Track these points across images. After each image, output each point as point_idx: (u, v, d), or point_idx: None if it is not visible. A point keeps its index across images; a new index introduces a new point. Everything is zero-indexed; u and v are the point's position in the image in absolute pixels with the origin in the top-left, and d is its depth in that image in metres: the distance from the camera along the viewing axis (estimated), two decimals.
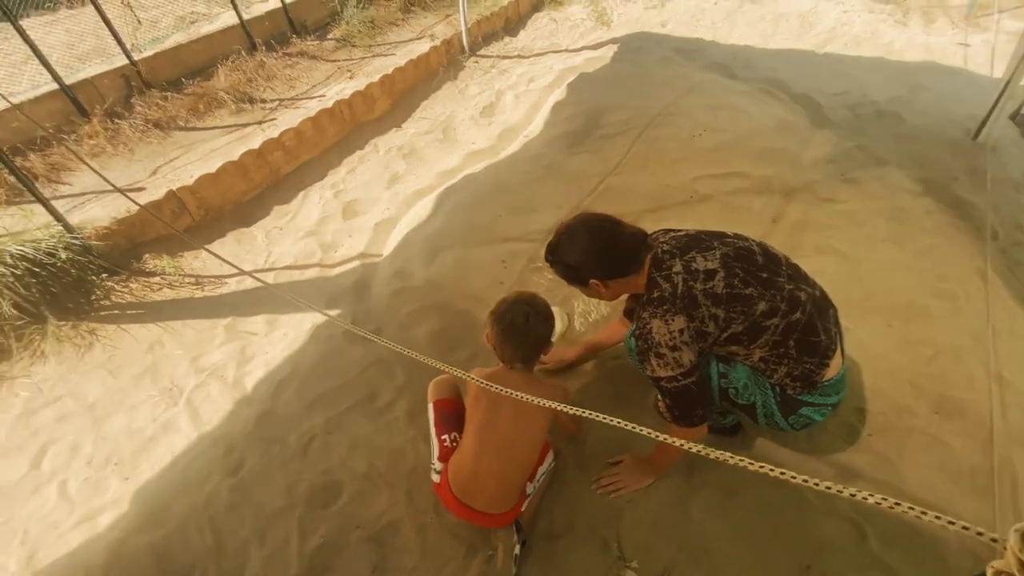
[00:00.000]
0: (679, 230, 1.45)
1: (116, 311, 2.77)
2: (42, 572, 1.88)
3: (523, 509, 1.55)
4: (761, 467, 0.65)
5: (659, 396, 1.44)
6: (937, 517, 0.53)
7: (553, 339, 1.84)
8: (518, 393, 1.07)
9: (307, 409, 2.11)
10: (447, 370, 1.20)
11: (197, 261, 3.08)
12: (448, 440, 1.59)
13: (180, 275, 2.91)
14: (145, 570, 1.75)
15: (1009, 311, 1.97)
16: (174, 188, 3.20)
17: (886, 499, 0.58)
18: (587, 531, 1.58)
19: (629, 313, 1.78)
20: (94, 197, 3.25)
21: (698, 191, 2.72)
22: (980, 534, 0.44)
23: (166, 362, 2.52)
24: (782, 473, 0.66)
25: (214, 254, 1.64)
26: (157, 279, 2.91)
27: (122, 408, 2.37)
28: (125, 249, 3.02)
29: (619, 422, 0.88)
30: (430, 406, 1.68)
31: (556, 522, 1.62)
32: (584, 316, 2.19)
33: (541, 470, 1.59)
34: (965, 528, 0.50)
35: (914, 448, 1.59)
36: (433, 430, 1.63)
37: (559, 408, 1.01)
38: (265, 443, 2.03)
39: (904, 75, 3.78)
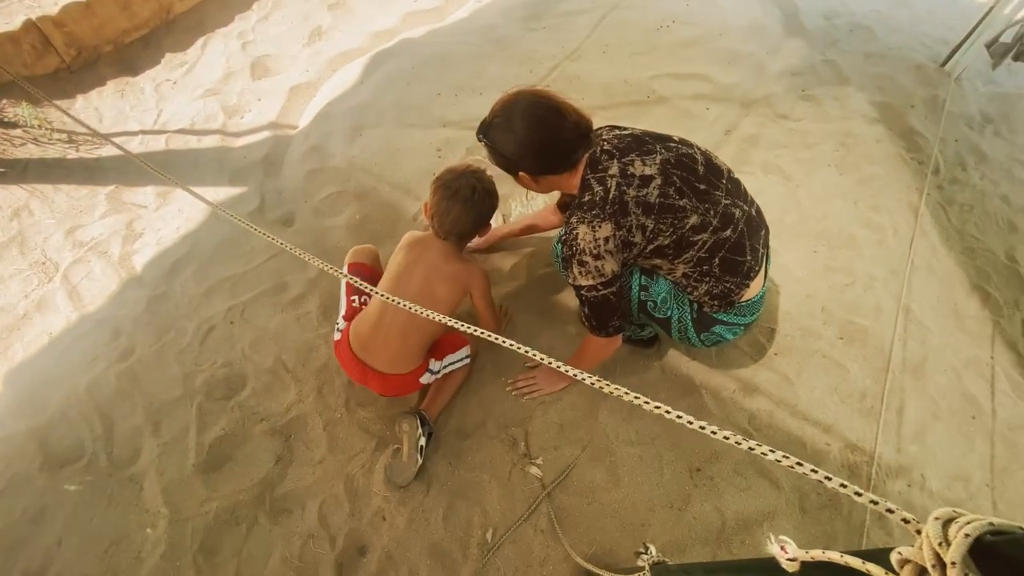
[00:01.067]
0: (624, 128, 1.32)
1: None
2: None
3: (422, 383, 1.55)
4: (655, 406, 0.59)
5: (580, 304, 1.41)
6: (828, 477, 0.47)
7: (492, 223, 1.74)
8: (412, 306, 0.99)
9: (206, 295, 1.91)
10: (361, 287, 1.07)
11: (71, 112, 2.57)
12: (357, 301, 1.61)
13: (47, 129, 2.42)
14: (25, 453, 1.62)
15: (931, 248, 2.04)
16: (34, 17, 2.55)
17: (779, 453, 0.53)
18: (497, 429, 1.60)
19: (563, 206, 1.68)
20: None
21: (655, 91, 2.50)
22: (890, 511, 0.38)
23: (36, 232, 2.18)
24: (667, 411, 0.60)
25: (63, 110, 1.30)
26: (19, 132, 2.41)
27: None
28: None
29: (517, 346, 0.79)
30: (345, 267, 1.67)
31: (468, 421, 1.63)
32: (522, 212, 2.05)
33: (451, 357, 1.58)
34: (874, 502, 0.45)
35: (813, 369, 1.68)
36: (344, 290, 1.65)
37: (451, 324, 0.97)
38: (158, 329, 1.85)
39: None
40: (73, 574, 1.41)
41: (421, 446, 1.51)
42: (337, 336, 1.57)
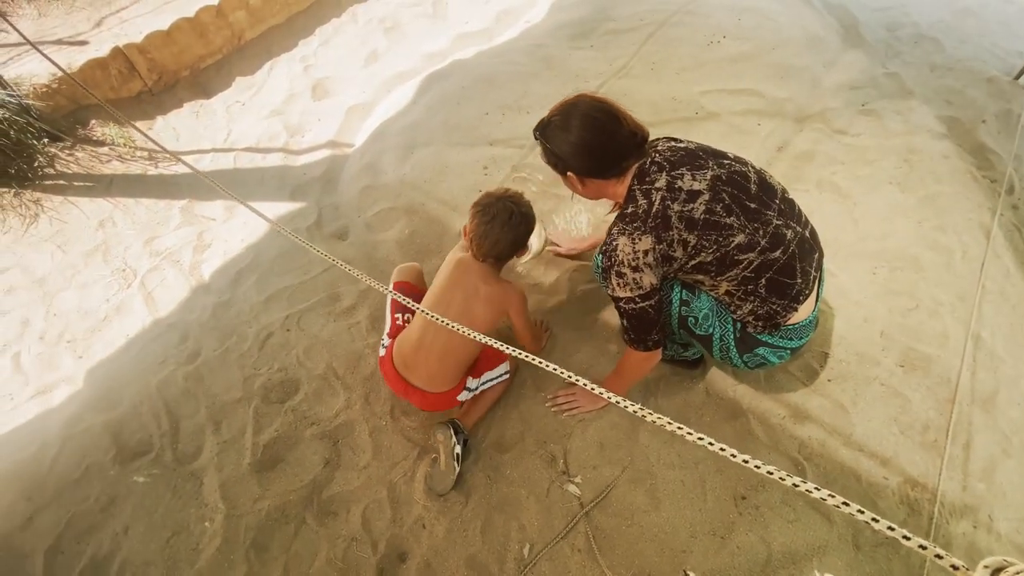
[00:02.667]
0: (681, 141, 1.32)
1: (62, 181, 2.56)
2: (0, 440, 1.89)
3: (460, 400, 1.58)
4: (697, 437, 0.59)
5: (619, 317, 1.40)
6: (875, 519, 0.46)
7: (530, 254, 1.77)
8: (454, 325, 1.03)
9: (266, 303, 2.03)
10: (405, 303, 1.13)
11: (150, 132, 2.81)
12: (401, 319, 1.65)
13: (131, 147, 2.66)
14: (101, 445, 1.77)
15: (1005, 271, 1.90)
16: (121, 45, 2.82)
17: (824, 492, 0.52)
18: (536, 445, 1.60)
19: None
20: (32, 49, 2.86)
21: (704, 107, 2.47)
22: (939, 557, 0.37)
23: (118, 241, 2.38)
24: (711, 443, 0.60)
25: (140, 131, 1.44)
26: (106, 150, 2.66)
27: (73, 285, 2.28)
28: (69, 111, 2.73)
29: (553, 367, 0.80)
30: (391, 284, 1.72)
31: (507, 435, 1.64)
32: (565, 236, 2.07)
33: (488, 375, 1.61)
34: (923, 547, 0.44)
35: (871, 397, 1.59)
36: (389, 307, 1.70)
37: (489, 343, 0.98)
38: (221, 334, 1.98)
39: None
40: (137, 561, 1.52)
41: (457, 454, 1.54)
42: (382, 352, 1.62)
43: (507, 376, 1.66)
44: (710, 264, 1.22)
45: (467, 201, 2.19)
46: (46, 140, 2.59)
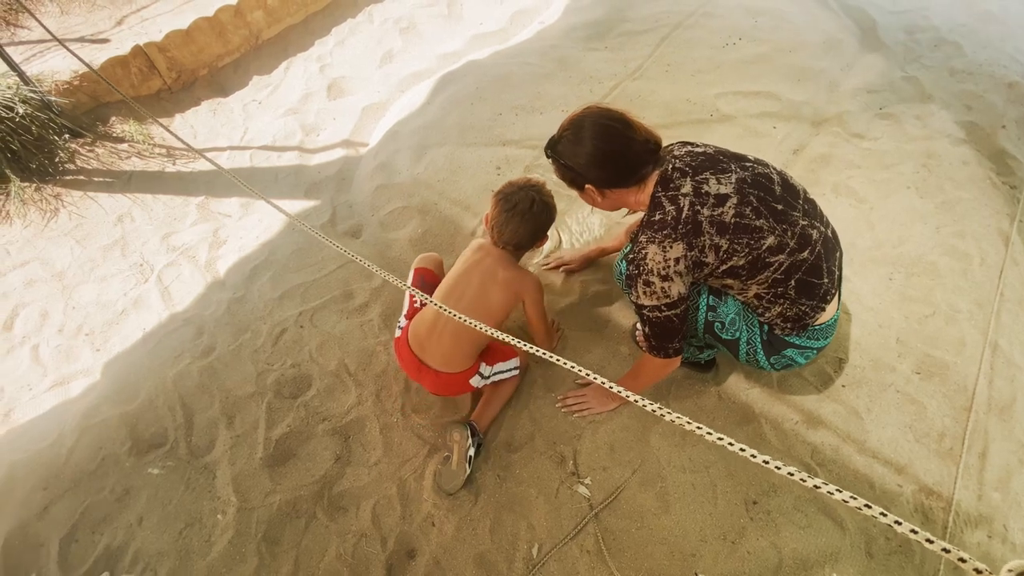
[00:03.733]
0: (698, 145, 1.30)
1: (82, 177, 2.60)
2: (18, 429, 1.93)
3: (472, 384, 1.59)
4: (717, 437, 0.58)
5: (638, 323, 1.39)
6: (897, 522, 0.46)
7: (547, 247, 1.78)
8: (464, 318, 1.05)
9: (280, 300, 2.06)
10: (417, 296, 1.14)
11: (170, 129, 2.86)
12: (419, 302, 1.67)
13: (149, 144, 2.71)
14: (117, 437, 1.79)
15: (1023, 279, 1.87)
16: (141, 44, 2.86)
17: (847, 493, 0.52)
18: (546, 446, 1.60)
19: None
20: (55, 46, 2.92)
21: (719, 109, 2.46)
22: (963, 560, 0.37)
23: (136, 236, 2.42)
24: (730, 443, 0.59)
25: (166, 128, 1.46)
26: (125, 146, 2.71)
27: (91, 279, 2.31)
28: (89, 108, 2.78)
29: (571, 365, 0.81)
30: (412, 270, 1.74)
31: (517, 435, 1.64)
32: (577, 237, 2.07)
33: (502, 365, 1.62)
34: (946, 550, 0.43)
35: (886, 404, 1.57)
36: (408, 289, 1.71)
37: (500, 338, 1.00)
38: (236, 329, 2.01)
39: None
40: (151, 551, 1.54)
41: (470, 456, 1.55)
42: (398, 333, 1.64)
43: (517, 372, 1.66)
44: (741, 268, 1.21)
45: (480, 201, 2.21)
46: (67, 136, 2.64)
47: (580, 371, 0.80)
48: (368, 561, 1.46)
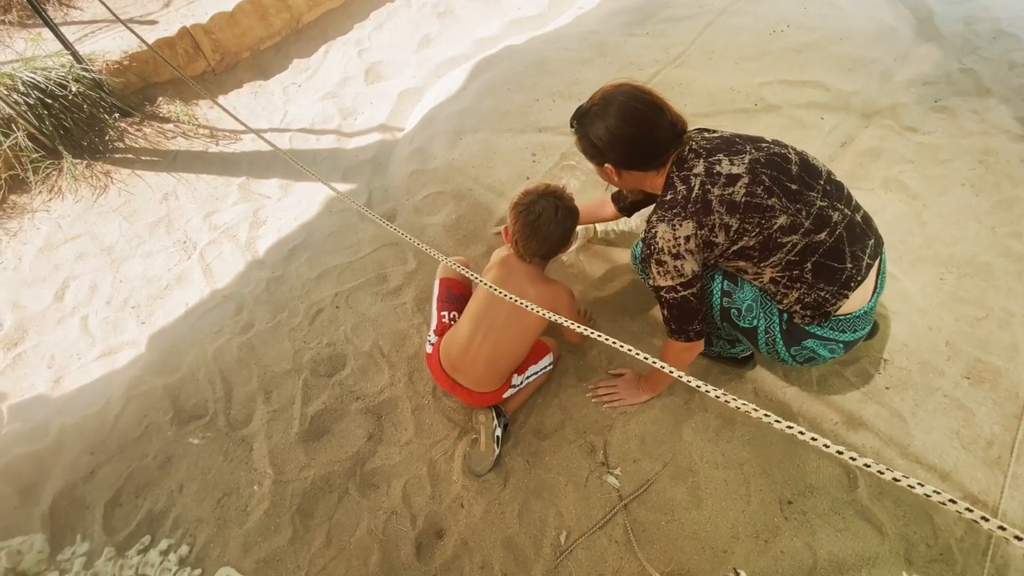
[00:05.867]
0: (714, 131, 1.28)
1: (130, 155, 2.69)
2: (68, 396, 2.03)
3: (505, 396, 1.58)
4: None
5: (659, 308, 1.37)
6: (936, 494, 0.44)
7: (574, 246, 1.73)
8: (516, 298, 1.00)
9: (316, 280, 2.10)
10: (458, 268, 1.13)
11: (212, 111, 2.92)
12: (447, 317, 1.64)
13: (194, 125, 2.78)
14: (160, 407, 1.86)
15: None
16: (188, 25, 2.93)
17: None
18: (576, 434, 1.60)
19: (616, 198, 1.68)
20: (105, 27, 3.01)
21: (764, 99, 2.38)
22: (1019, 539, 0.36)
23: (180, 214, 2.50)
24: (766, 415, 0.58)
25: (224, 108, 1.50)
26: (171, 126, 2.78)
27: (138, 254, 2.40)
28: (138, 88, 2.86)
29: (612, 341, 0.80)
30: (437, 281, 1.71)
31: (547, 422, 1.65)
32: (612, 228, 2.04)
33: (533, 368, 1.60)
34: (1002, 528, 0.41)
35: (932, 409, 1.52)
36: (435, 304, 1.68)
37: (552, 318, 0.97)
38: (274, 307, 2.05)
39: None
40: (190, 517, 1.60)
41: (497, 436, 1.56)
42: (428, 349, 1.61)
43: (551, 367, 1.66)
44: (753, 249, 1.18)
45: (515, 188, 2.20)
46: (117, 115, 2.73)
47: (637, 353, 0.79)
48: (398, 538, 1.49)
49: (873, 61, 2.54)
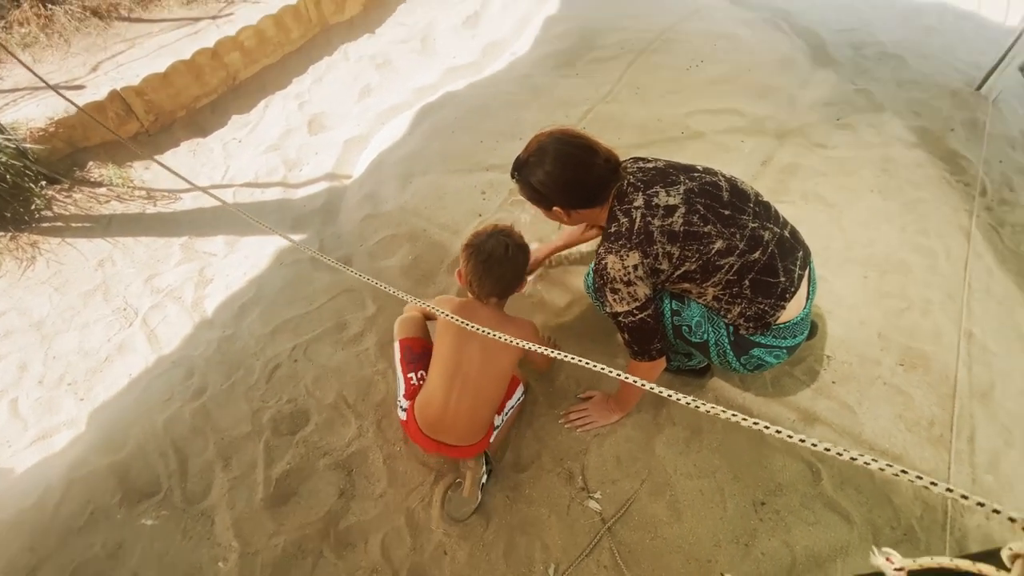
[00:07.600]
0: (649, 160, 1.39)
1: (59, 223, 2.55)
2: None
3: (492, 441, 1.56)
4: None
5: (618, 334, 1.43)
6: (889, 467, 0.49)
7: (530, 278, 1.77)
8: (487, 330, 1.01)
9: (271, 335, 2.03)
10: (419, 303, 1.14)
11: (148, 172, 2.84)
12: (415, 378, 1.58)
13: (129, 187, 2.68)
14: (106, 488, 1.72)
15: (987, 270, 1.99)
16: (118, 88, 2.86)
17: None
18: (553, 463, 1.61)
19: None
20: (28, 94, 2.89)
21: (690, 127, 2.58)
22: (996, 512, 0.41)
23: (117, 280, 2.37)
24: (734, 415, 0.63)
25: (166, 167, 1.47)
26: (103, 190, 2.67)
27: (72, 327, 2.25)
28: (66, 155, 2.74)
29: (585, 362, 0.83)
30: (396, 344, 1.65)
31: (523, 454, 1.64)
32: (565, 256, 2.12)
33: (509, 404, 1.60)
34: (981, 504, 0.46)
35: (875, 397, 1.64)
36: (399, 367, 1.62)
37: (529, 348, 0.96)
38: (228, 368, 1.97)
39: (914, 15, 3.57)
40: None
41: (482, 483, 1.54)
42: (402, 416, 1.56)
43: (524, 396, 1.66)
44: (695, 272, 1.28)
45: (467, 224, 2.25)
46: (43, 183, 2.59)
47: (598, 367, 0.82)
48: None
49: (780, 88, 2.81)
